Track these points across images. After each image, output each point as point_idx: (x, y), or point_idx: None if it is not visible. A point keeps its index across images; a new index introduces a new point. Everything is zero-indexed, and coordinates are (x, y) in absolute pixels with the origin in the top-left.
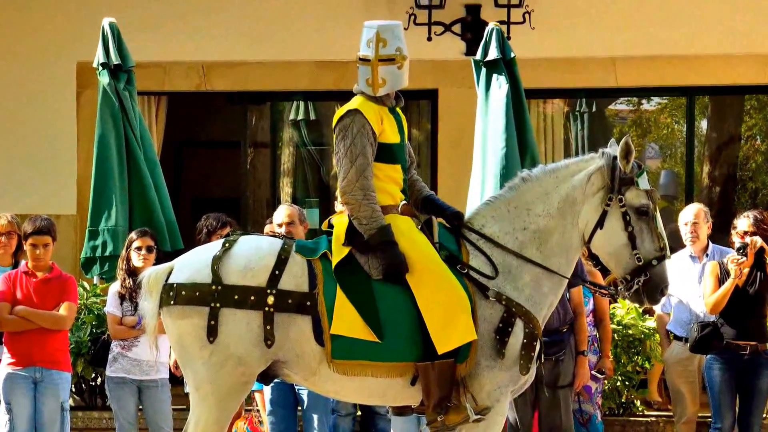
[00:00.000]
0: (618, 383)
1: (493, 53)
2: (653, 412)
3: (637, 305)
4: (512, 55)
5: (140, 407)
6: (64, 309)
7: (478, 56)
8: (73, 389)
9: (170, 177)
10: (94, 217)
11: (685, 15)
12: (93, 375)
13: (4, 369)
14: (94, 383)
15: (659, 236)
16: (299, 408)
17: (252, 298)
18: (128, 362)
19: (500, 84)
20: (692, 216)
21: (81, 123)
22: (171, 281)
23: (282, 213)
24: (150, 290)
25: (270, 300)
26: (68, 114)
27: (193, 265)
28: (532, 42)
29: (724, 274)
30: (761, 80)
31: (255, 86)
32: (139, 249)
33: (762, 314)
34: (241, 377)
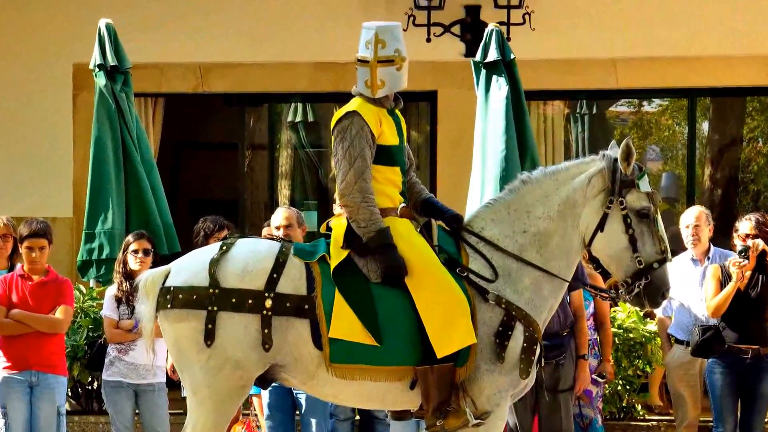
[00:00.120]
0: (619, 387)
1: (493, 54)
2: (654, 417)
3: (638, 309)
4: (512, 57)
5: (137, 411)
6: (60, 312)
7: (478, 57)
8: (70, 393)
9: (167, 179)
10: (91, 220)
11: (686, 16)
12: (89, 379)
13: (0, 373)
14: (91, 387)
15: (660, 239)
16: (297, 412)
17: (250, 302)
18: (125, 366)
19: (500, 85)
20: (693, 219)
21: (77, 125)
22: (168, 284)
23: (280, 216)
24: (147, 293)
25: (268, 303)
26: (66, 115)
27: (191, 268)
28: (532, 43)
29: (726, 278)
30: (762, 81)
31: (253, 88)
32: (136, 252)
33: (764, 318)
34: (239, 381)
